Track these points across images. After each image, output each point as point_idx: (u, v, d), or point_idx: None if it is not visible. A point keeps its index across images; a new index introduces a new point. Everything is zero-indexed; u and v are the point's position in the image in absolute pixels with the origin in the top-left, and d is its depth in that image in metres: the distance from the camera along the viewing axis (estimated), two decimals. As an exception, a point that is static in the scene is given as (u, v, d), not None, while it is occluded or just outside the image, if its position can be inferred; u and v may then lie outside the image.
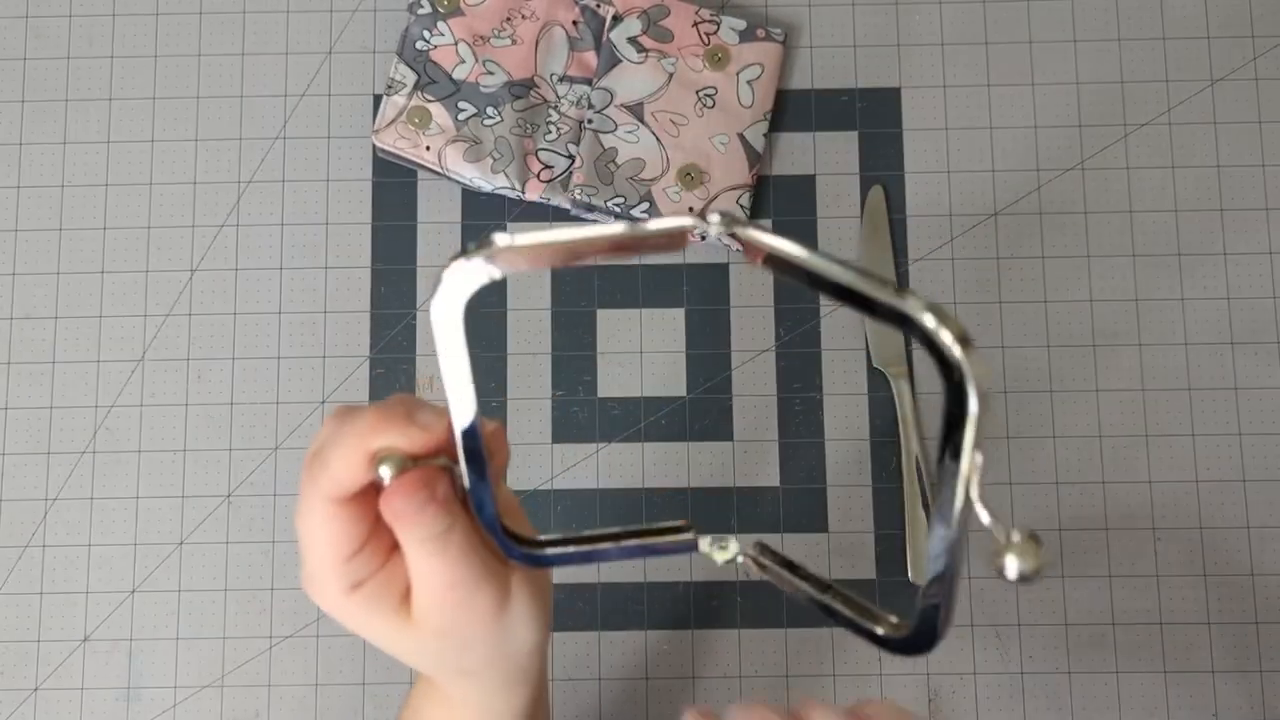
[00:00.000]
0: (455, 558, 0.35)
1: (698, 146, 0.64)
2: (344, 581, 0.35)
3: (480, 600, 0.36)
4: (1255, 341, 0.64)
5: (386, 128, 0.64)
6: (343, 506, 0.34)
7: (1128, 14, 0.67)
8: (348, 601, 0.35)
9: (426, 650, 0.37)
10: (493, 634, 0.37)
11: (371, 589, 0.35)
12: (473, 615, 0.36)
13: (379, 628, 0.36)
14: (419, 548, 0.34)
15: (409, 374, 0.64)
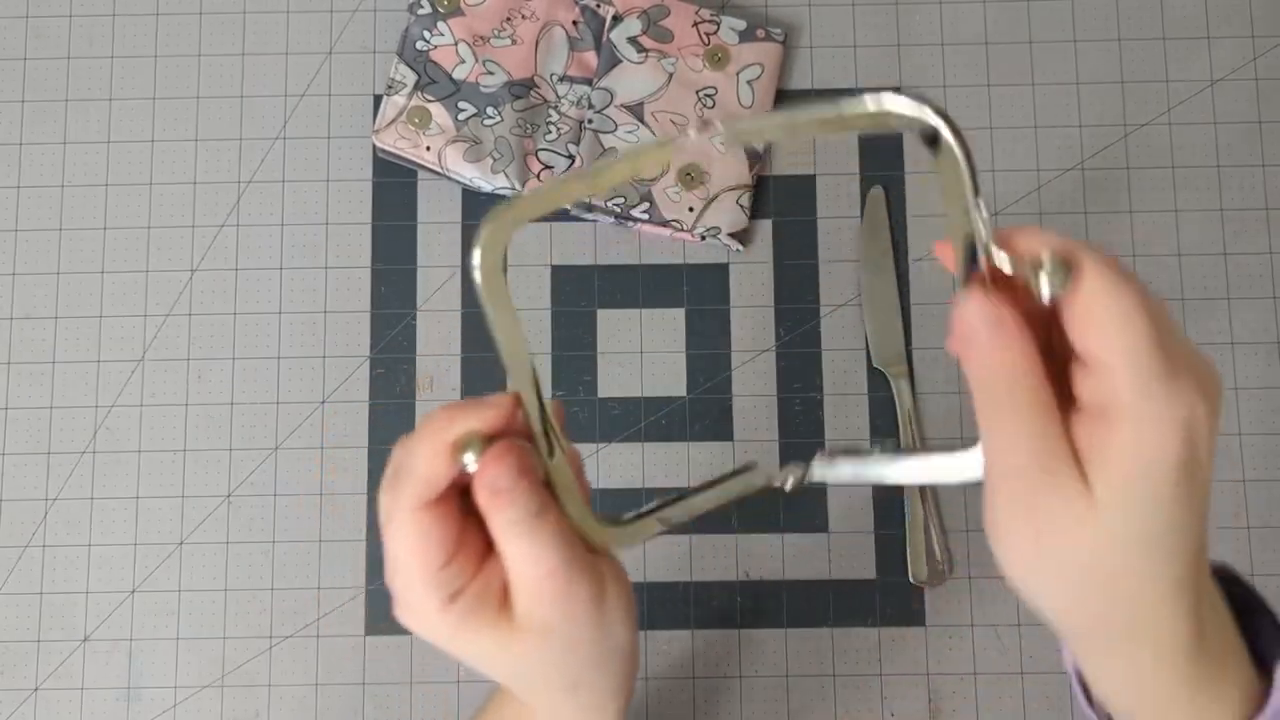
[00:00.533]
0: (549, 542, 0.34)
1: (698, 146, 0.64)
2: (440, 594, 0.34)
3: (578, 589, 0.35)
4: (1255, 341, 0.64)
5: (386, 128, 0.64)
6: (430, 511, 0.34)
7: (1128, 14, 0.67)
8: (447, 615, 0.34)
9: (533, 659, 0.36)
10: (595, 628, 0.36)
11: (469, 598, 0.35)
12: (573, 606, 0.35)
13: (484, 642, 0.35)
14: (513, 532, 0.34)
15: (409, 374, 0.64)
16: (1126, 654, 0.34)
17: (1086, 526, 0.31)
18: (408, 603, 0.35)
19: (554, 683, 0.37)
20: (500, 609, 0.35)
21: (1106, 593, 0.32)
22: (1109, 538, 0.31)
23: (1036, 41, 0.67)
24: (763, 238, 0.65)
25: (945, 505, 0.62)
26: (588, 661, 0.37)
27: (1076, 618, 0.34)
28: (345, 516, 0.63)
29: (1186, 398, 0.30)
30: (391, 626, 0.62)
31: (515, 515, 0.34)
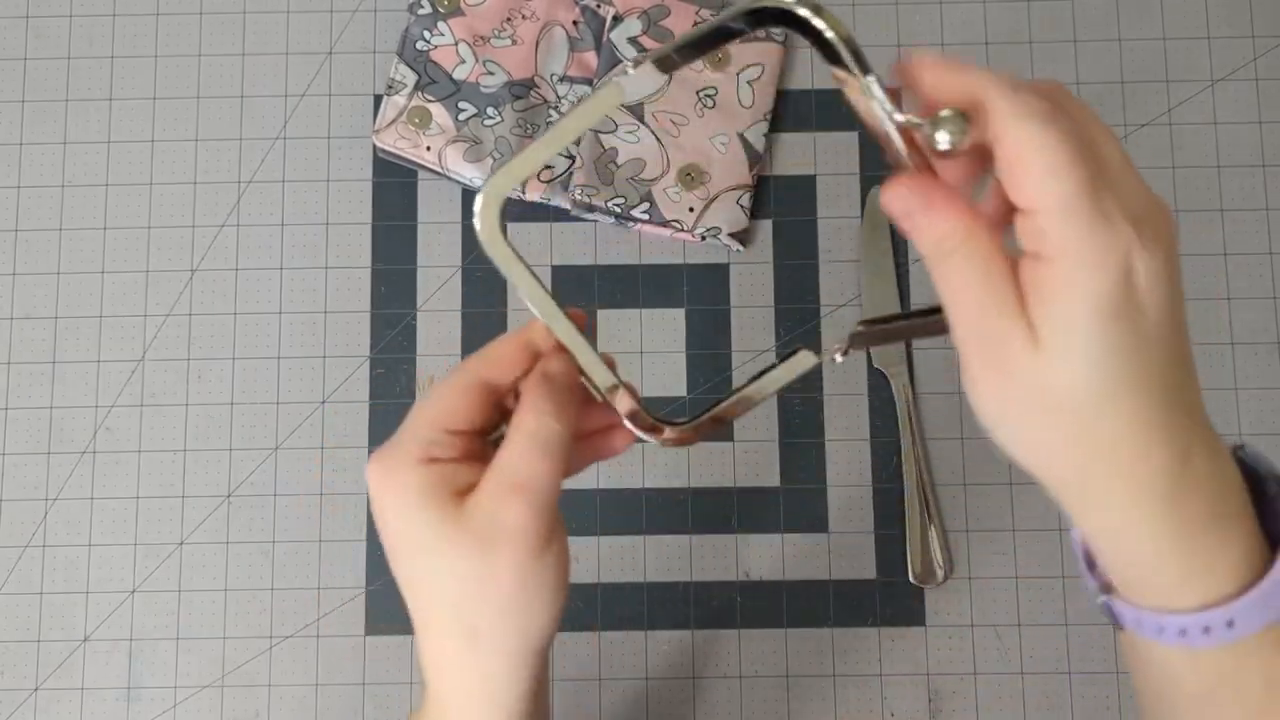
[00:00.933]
0: (546, 460, 0.36)
1: (698, 146, 0.64)
2: (425, 449, 0.37)
3: (533, 518, 0.36)
4: (1255, 341, 0.64)
5: (387, 128, 0.64)
6: (483, 386, 0.37)
7: (1128, 14, 0.67)
8: (414, 471, 0.36)
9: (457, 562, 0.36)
10: (524, 570, 0.36)
11: (440, 468, 0.36)
12: (519, 529, 0.36)
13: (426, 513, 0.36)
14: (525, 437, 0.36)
15: (409, 374, 0.64)
16: (1110, 505, 0.34)
17: (1038, 369, 0.32)
18: (393, 446, 0.37)
19: (462, 610, 0.37)
20: (457, 494, 0.36)
21: (1073, 436, 0.33)
22: (1058, 377, 0.32)
23: (1036, 41, 0.67)
24: (763, 238, 0.65)
25: (945, 505, 0.62)
26: (496, 610, 0.37)
27: (1055, 469, 0.34)
28: (345, 516, 0.63)
29: (1120, 239, 0.31)
30: (391, 626, 0.62)
31: (541, 406, 0.36)
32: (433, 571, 0.37)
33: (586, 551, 0.62)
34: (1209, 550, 0.34)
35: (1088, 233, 0.30)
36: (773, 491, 0.63)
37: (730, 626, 0.62)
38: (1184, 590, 0.34)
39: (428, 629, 0.38)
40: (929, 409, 0.63)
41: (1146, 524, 0.33)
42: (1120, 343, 0.31)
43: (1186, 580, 0.34)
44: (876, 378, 0.64)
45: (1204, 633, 0.33)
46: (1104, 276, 0.31)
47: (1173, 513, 0.33)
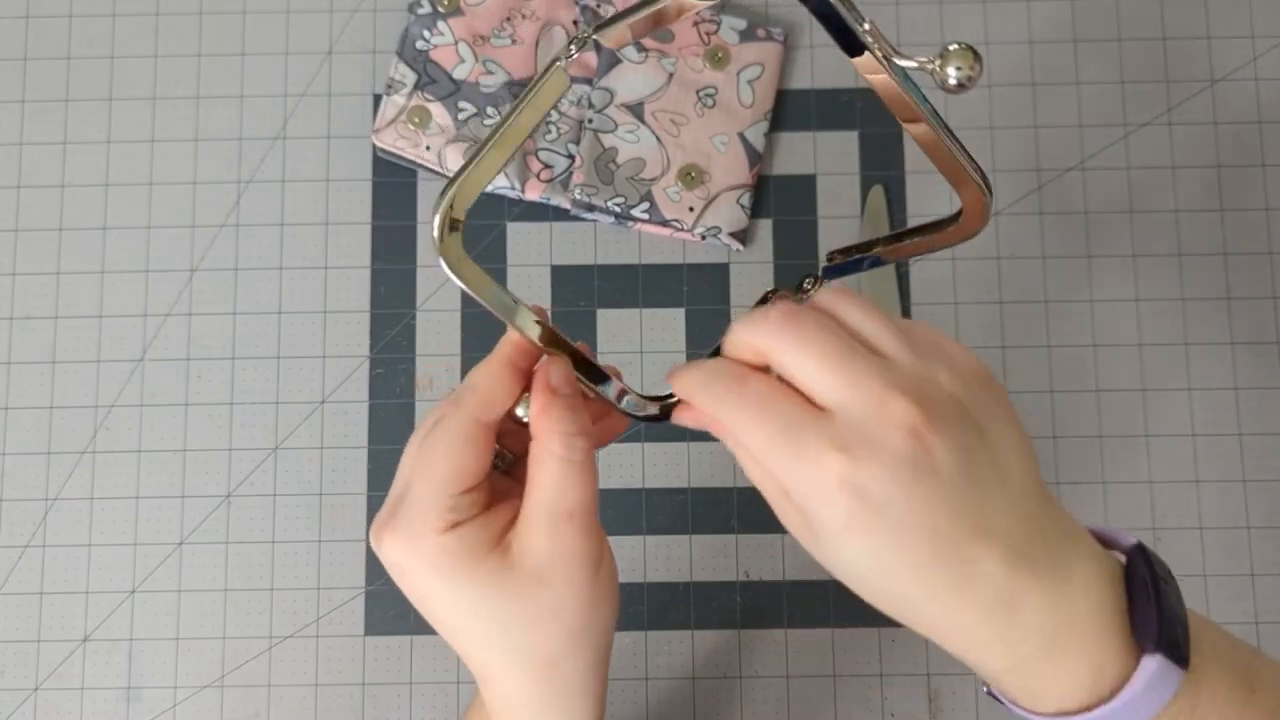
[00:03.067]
0: (581, 479, 0.35)
1: (698, 146, 0.64)
2: (446, 518, 0.35)
3: (586, 545, 0.35)
4: (1255, 341, 0.64)
5: (386, 127, 0.64)
6: (482, 429, 0.36)
7: (1128, 14, 0.67)
8: (440, 541, 0.35)
9: (515, 610, 0.35)
10: (585, 596, 0.36)
11: (469, 529, 0.35)
12: (574, 560, 0.35)
13: (468, 574, 0.35)
14: (554, 452, 0.35)
15: (409, 374, 0.64)
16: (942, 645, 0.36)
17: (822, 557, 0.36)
18: (408, 520, 0.35)
19: (533, 648, 0.36)
20: (495, 545, 0.36)
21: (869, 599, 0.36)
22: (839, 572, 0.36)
23: (1036, 41, 0.67)
24: (763, 237, 0.65)
25: (945, 505, 0.62)
26: (567, 635, 0.36)
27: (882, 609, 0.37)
28: (345, 516, 0.63)
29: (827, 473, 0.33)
30: (391, 626, 0.62)
31: (566, 428, 0.35)
32: (492, 622, 0.36)
33: (586, 551, 0.62)
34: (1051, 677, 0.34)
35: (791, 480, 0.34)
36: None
37: (730, 626, 0.62)
38: (1041, 698, 0.35)
39: (498, 673, 0.37)
40: (929, 409, 0.63)
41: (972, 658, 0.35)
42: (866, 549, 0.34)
43: (1036, 697, 0.35)
44: (876, 378, 0.64)
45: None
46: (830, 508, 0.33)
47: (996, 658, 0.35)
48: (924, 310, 0.64)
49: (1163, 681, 0.34)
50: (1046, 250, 0.65)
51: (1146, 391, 0.63)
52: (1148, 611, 0.34)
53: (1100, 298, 0.64)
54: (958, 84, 0.32)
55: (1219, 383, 0.63)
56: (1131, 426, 0.63)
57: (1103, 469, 0.63)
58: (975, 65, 0.32)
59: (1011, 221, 0.65)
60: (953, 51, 0.32)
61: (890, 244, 0.40)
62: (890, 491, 0.33)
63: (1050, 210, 0.65)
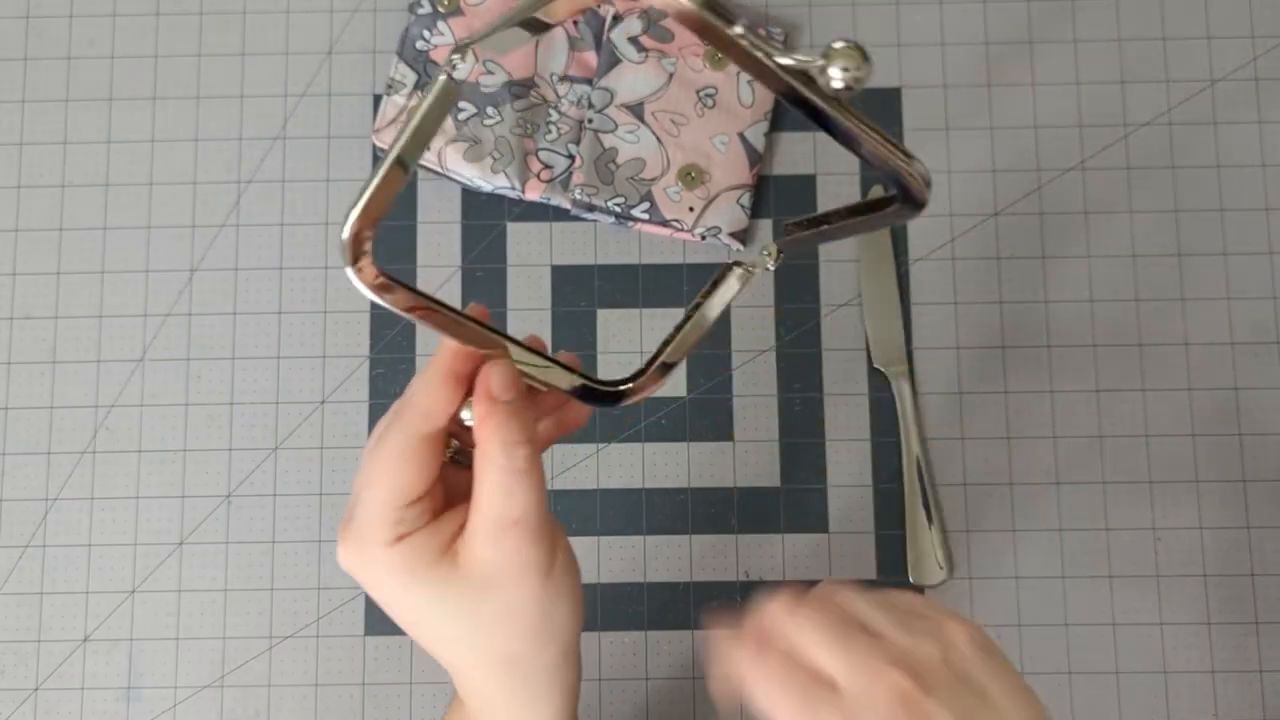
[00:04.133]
0: (525, 486, 0.35)
1: (698, 146, 0.64)
2: (392, 531, 0.35)
3: (532, 550, 0.36)
4: (1255, 341, 0.64)
5: (386, 127, 0.64)
6: (424, 442, 0.35)
7: (1128, 14, 0.67)
8: (392, 551, 0.35)
9: (466, 614, 0.36)
10: (536, 599, 0.36)
11: (416, 539, 0.36)
12: (522, 566, 0.36)
13: (420, 585, 0.36)
14: (498, 461, 0.35)
15: (409, 374, 0.64)
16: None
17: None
18: (358, 533, 0.36)
19: (490, 650, 0.37)
20: (443, 553, 0.36)
21: None
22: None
23: (1036, 41, 0.67)
24: (763, 237, 0.65)
25: (945, 505, 0.62)
26: (523, 634, 0.37)
27: None
28: (345, 516, 0.63)
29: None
30: (391, 626, 0.61)
31: (506, 437, 0.35)
32: (448, 626, 0.37)
33: (586, 551, 0.62)
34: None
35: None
36: (773, 491, 0.63)
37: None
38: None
39: (464, 671, 0.39)
40: (929, 409, 0.63)
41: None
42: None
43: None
44: (876, 378, 0.64)
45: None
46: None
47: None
48: (924, 310, 0.64)
49: None
50: (1046, 250, 0.65)
51: (1147, 391, 0.63)
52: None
53: (1100, 297, 0.64)
54: (844, 86, 0.29)
55: (1219, 383, 0.63)
56: (1132, 426, 0.63)
57: (1103, 469, 0.63)
58: (862, 66, 0.29)
59: (1011, 221, 0.65)
60: (837, 50, 0.29)
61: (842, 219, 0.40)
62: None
63: (1050, 210, 0.65)
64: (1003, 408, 0.63)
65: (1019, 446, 0.63)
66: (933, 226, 0.65)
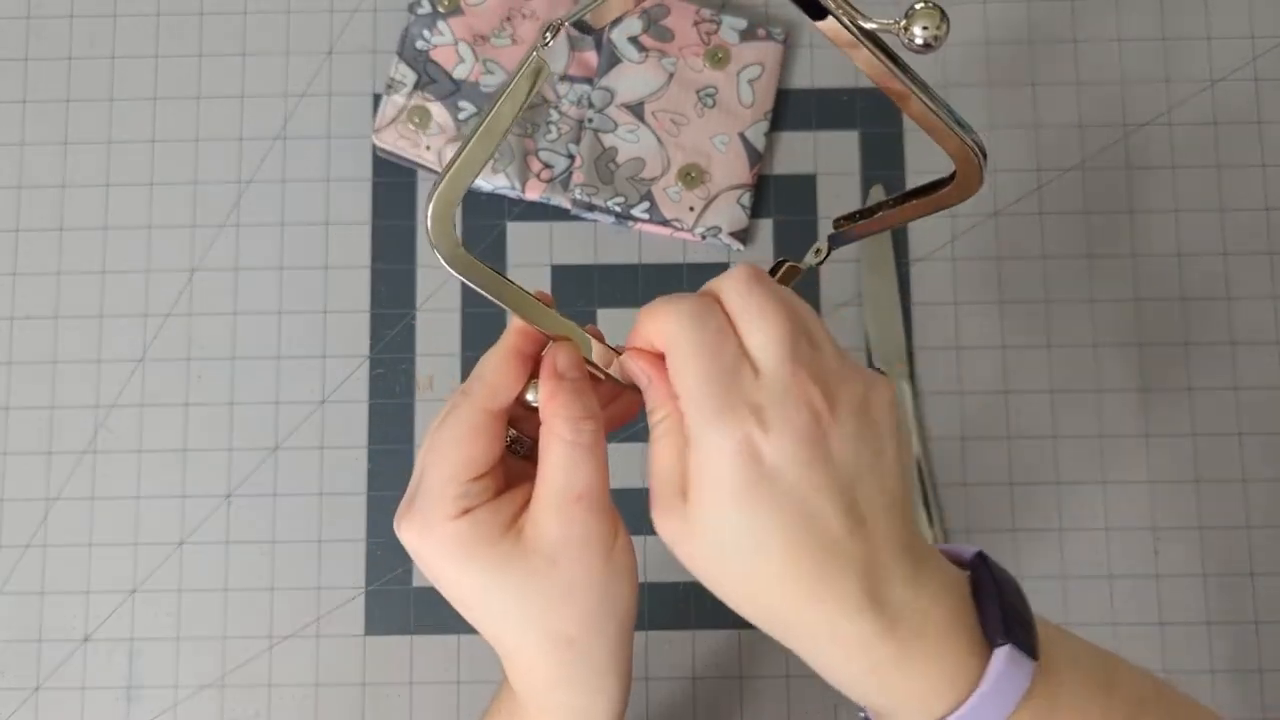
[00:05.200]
0: (590, 462, 0.36)
1: (698, 146, 0.64)
2: (457, 505, 0.36)
3: (598, 525, 0.36)
4: (1255, 342, 0.64)
5: (386, 127, 0.64)
6: (491, 418, 0.36)
7: (1128, 14, 0.67)
8: (453, 526, 0.36)
9: (528, 591, 0.36)
10: (599, 577, 0.37)
11: (481, 514, 0.36)
12: (586, 543, 0.36)
13: (481, 558, 0.36)
14: (563, 437, 0.36)
15: (409, 374, 0.64)
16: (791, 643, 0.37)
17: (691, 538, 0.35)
18: (422, 507, 0.37)
19: (550, 628, 0.37)
20: (507, 529, 0.36)
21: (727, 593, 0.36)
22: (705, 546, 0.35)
23: (1036, 41, 0.67)
24: (763, 237, 0.65)
25: (945, 505, 0.62)
26: (584, 614, 0.37)
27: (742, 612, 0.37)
28: (345, 516, 0.63)
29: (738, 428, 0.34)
30: (391, 626, 0.62)
31: (572, 412, 0.36)
32: (509, 603, 0.37)
33: (586, 551, 0.62)
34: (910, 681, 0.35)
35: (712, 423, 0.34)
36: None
37: (730, 626, 0.62)
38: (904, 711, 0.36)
39: (520, 650, 0.38)
40: (929, 409, 0.63)
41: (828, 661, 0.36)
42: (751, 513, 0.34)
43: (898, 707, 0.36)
44: (876, 378, 0.64)
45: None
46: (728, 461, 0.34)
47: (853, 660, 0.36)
48: (924, 310, 0.64)
49: (1015, 672, 0.35)
50: (1046, 250, 0.65)
51: (1147, 391, 0.63)
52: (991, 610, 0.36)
53: (1100, 298, 0.64)
54: (924, 44, 0.32)
55: (1219, 383, 0.63)
56: (1131, 426, 0.63)
57: (1103, 469, 0.63)
58: (941, 24, 0.32)
59: (1011, 221, 0.65)
60: (919, 11, 0.32)
61: (893, 206, 0.40)
62: (784, 465, 0.34)
63: (1050, 210, 0.65)
64: (1003, 408, 0.63)
65: (1019, 446, 0.63)
66: (933, 226, 0.65)
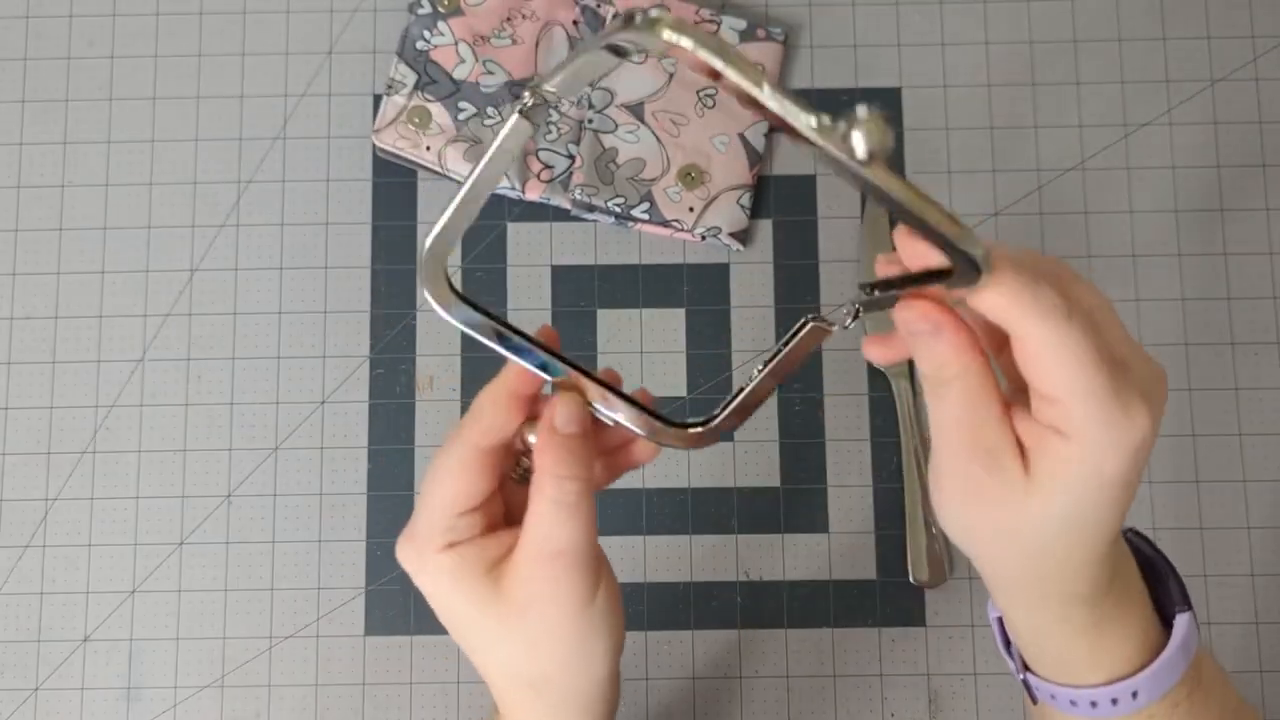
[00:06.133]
0: (575, 519, 0.36)
1: (698, 146, 0.64)
2: (445, 537, 0.36)
3: (576, 578, 0.36)
4: (1255, 341, 0.64)
5: (386, 128, 0.64)
6: (481, 455, 0.36)
7: (1128, 14, 0.67)
8: (442, 558, 0.36)
9: (504, 634, 0.37)
10: (574, 626, 0.37)
11: (466, 549, 0.36)
12: (563, 593, 0.36)
13: (463, 596, 0.36)
14: (552, 492, 0.36)
15: (409, 374, 0.64)
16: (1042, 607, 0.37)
17: (1023, 508, 0.34)
18: (415, 533, 0.37)
19: (520, 671, 0.38)
20: (490, 571, 0.36)
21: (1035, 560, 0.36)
22: (1043, 520, 0.34)
23: (1036, 41, 0.67)
24: (763, 238, 0.65)
25: (945, 505, 0.62)
26: (558, 659, 0.37)
27: (1003, 575, 0.38)
28: (345, 516, 0.63)
29: (1138, 424, 0.33)
30: (391, 626, 0.62)
31: (558, 471, 0.36)
32: (486, 641, 0.37)
33: (586, 551, 0.62)
34: (1116, 638, 0.38)
35: (1108, 425, 0.32)
36: (773, 491, 0.63)
37: (730, 626, 0.62)
38: (1094, 670, 0.38)
39: (496, 683, 0.39)
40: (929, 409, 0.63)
41: (1069, 623, 0.37)
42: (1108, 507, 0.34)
43: (1097, 662, 0.38)
44: (876, 378, 0.64)
45: (1112, 704, 0.37)
46: (1121, 459, 0.33)
47: (1092, 613, 0.37)
48: (924, 310, 0.64)
49: (1190, 639, 0.38)
50: (1046, 250, 0.65)
51: (1146, 391, 0.63)
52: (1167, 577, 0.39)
53: (1100, 298, 0.64)
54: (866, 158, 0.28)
55: (1219, 383, 0.64)
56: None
57: (1103, 469, 0.63)
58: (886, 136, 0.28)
59: (1011, 221, 0.65)
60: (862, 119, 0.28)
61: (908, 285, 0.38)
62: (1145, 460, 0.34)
63: (1050, 210, 0.65)
64: (1003, 408, 0.63)
65: (1019, 446, 0.63)
66: (933, 226, 0.65)
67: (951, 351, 0.34)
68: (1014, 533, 0.35)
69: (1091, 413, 0.32)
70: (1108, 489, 0.33)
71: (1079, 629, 0.37)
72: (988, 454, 0.34)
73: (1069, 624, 0.37)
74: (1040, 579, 0.36)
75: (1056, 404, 0.33)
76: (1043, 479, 0.34)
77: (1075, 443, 0.33)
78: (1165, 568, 0.40)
